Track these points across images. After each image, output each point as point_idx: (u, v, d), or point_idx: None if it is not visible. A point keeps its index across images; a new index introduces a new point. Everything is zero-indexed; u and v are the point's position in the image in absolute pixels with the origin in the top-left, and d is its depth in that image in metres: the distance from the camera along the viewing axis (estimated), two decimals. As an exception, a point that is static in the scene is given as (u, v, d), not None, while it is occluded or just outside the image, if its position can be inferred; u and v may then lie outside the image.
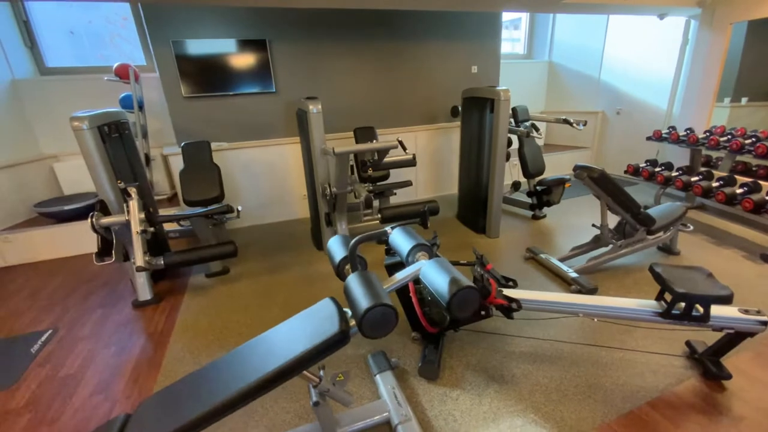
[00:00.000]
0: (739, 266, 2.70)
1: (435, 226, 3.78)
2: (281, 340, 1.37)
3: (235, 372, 1.29)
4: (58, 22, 3.89)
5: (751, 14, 3.23)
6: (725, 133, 3.51)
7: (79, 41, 4.03)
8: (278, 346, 1.34)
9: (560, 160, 5.61)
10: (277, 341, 1.37)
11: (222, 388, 1.22)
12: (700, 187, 3.19)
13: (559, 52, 5.78)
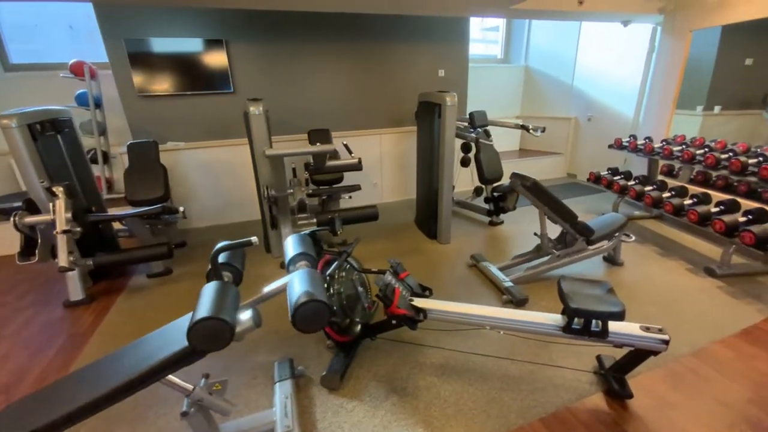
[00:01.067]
0: (680, 279, 2.66)
1: (393, 231, 3.76)
2: (151, 347, 1.35)
3: (96, 379, 1.26)
4: (22, 17, 3.89)
5: (709, 22, 3.19)
6: (682, 142, 3.47)
7: (43, 36, 4.02)
8: (145, 353, 1.31)
9: (535, 166, 5.57)
10: (147, 348, 1.35)
11: (79, 395, 1.20)
12: (651, 197, 3.15)
13: (535, 58, 5.74)
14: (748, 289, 2.47)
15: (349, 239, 3.15)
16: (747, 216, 2.59)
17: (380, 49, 4.16)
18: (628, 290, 2.55)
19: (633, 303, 2.39)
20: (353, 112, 4.29)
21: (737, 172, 2.60)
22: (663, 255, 3.02)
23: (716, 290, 2.48)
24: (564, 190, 4.95)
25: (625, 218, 2.75)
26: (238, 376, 1.89)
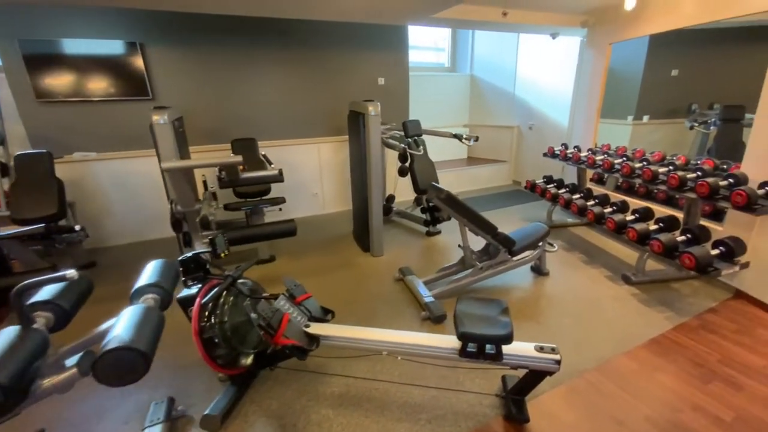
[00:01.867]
0: (599, 287, 2.67)
1: (329, 244, 3.60)
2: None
3: None
4: None
5: (626, 35, 3.30)
6: (606, 151, 3.56)
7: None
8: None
9: (481, 174, 5.61)
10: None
11: None
12: (577, 206, 3.19)
13: (480, 67, 5.82)
14: (660, 297, 2.51)
15: (275, 255, 2.97)
16: (658, 224, 2.65)
17: (318, 56, 4.03)
18: (549, 301, 2.53)
19: (552, 314, 2.37)
20: (290, 120, 4.12)
21: (649, 181, 2.67)
22: (587, 263, 3.05)
23: (630, 298, 2.51)
24: (507, 198, 5.00)
25: (547, 228, 2.75)
26: (108, 421, 1.66)
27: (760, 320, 2.23)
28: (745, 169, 2.35)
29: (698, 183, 2.30)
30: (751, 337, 2.09)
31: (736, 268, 2.12)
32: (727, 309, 2.36)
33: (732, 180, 2.27)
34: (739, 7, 2.42)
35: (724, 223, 2.57)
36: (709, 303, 2.42)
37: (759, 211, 2.00)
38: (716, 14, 2.56)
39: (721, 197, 2.22)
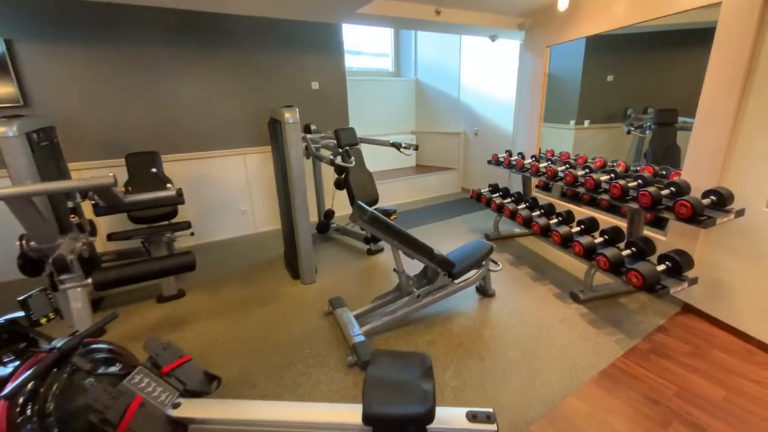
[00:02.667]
0: (548, 307, 2.44)
1: (254, 270, 3.13)
2: None
3: None
4: None
5: (562, 37, 3.17)
6: (551, 157, 3.41)
7: None
8: None
9: (431, 182, 5.38)
10: None
11: None
12: (522, 217, 2.98)
13: (424, 71, 5.61)
14: (609, 316, 2.32)
15: (185, 290, 2.46)
16: (604, 236, 2.48)
17: (242, 56, 3.57)
18: (495, 329, 2.25)
19: (497, 347, 2.08)
20: (211, 130, 3.61)
21: (592, 190, 2.51)
22: (536, 278, 2.84)
23: (579, 320, 2.29)
24: (456, 207, 4.79)
25: (489, 245, 2.48)
26: None
27: (712, 339, 2.09)
28: (686, 176, 2.23)
29: (640, 193, 2.14)
30: (706, 360, 1.92)
31: (685, 284, 1.96)
32: (677, 326, 2.20)
33: (674, 188, 2.13)
34: (669, 6, 2.31)
35: (666, 232, 2.44)
36: (658, 320, 2.26)
37: (706, 224, 1.85)
38: (647, 14, 2.45)
39: (664, 207, 2.06)
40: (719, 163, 2.06)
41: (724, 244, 2.09)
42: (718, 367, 1.87)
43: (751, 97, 1.91)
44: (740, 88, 1.93)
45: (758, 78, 1.87)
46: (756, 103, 1.89)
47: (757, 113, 1.90)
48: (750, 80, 1.90)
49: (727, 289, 2.10)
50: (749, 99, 1.92)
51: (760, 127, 1.89)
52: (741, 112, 1.96)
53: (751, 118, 1.92)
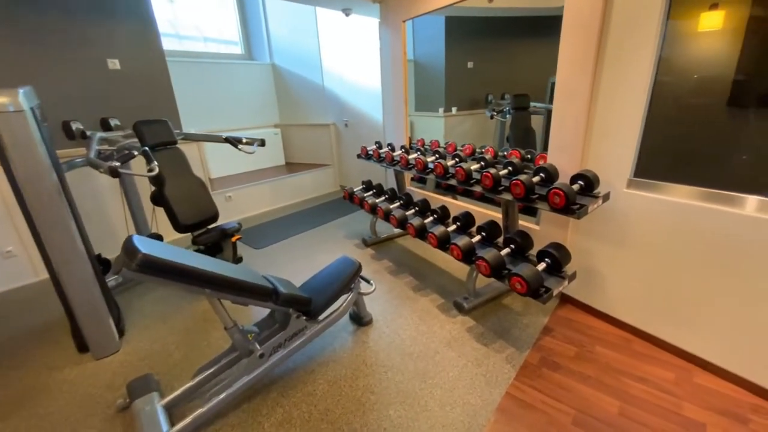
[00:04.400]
0: (433, 326, 2.05)
1: (24, 341, 1.99)
2: None
3: None
4: None
5: (416, 10, 2.81)
6: (419, 148, 3.08)
7: None
8: None
9: (304, 181, 4.66)
10: None
11: None
12: (396, 219, 2.56)
13: (281, 54, 4.82)
14: (495, 325, 2.04)
15: None
16: (481, 233, 2.20)
17: None
18: (370, 379, 1.72)
19: (375, 407, 1.56)
20: None
21: (464, 181, 2.21)
22: (417, 288, 2.45)
23: (467, 338, 1.95)
24: (334, 209, 4.22)
25: (356, 264, 1.95)
26: None
27: (592, 332, 1.96)
28: (551, 160, 2.05)
29: (512, 182, 1.86)
30: (593, 363, 1.74)
31: (566, 282, 1.76)
32: (560, 324, 2.03)
33: (543, 175, 1.91)
34: None
35: (539, 220, 2.29)
36: (542, 319, 2.07)
37: (579, 213, 1.64)
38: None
39: (537, 197, 1.82)
40: (580, 146, 1.91)
41: (591, 230, 1.98)
42: (604, 369, 1.70)
43: (603, 78, 1.76)
44: (592, 68, 1.76)
45: (608, 56, 1.72)
46: (607, 83, 1.75)
47: (608, 92, 1.76)
48: (600, 59, 1.75)
49: (598, 277, 2.00)
50: (601, 79, 1.77)
51: (612, 106, 1.76)
52: (595, 93, 1.81)
53: (604, 97, 1.78)
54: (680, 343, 1.74)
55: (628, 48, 1.66)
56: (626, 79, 1.69)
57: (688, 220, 1.61)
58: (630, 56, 1.66)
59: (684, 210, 1.62)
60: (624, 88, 1.70)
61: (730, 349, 1.58)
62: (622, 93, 1.71)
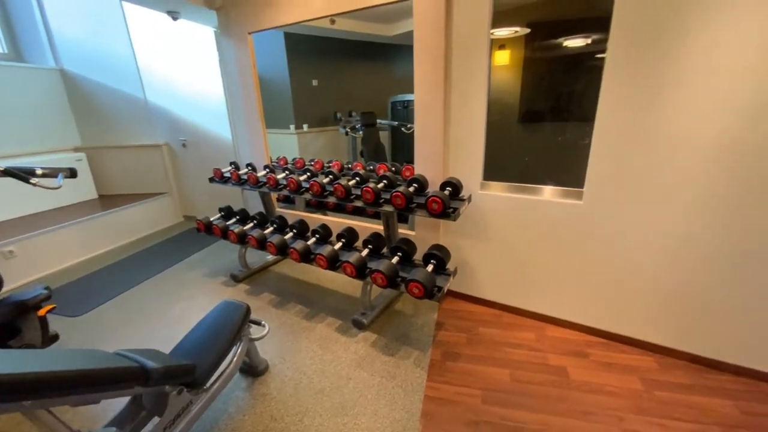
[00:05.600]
0: (337, 352, 1.95)
1: None
2: None
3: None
4: None
5: (264, 23, 2.65)
6: (285, 167, 2.91)
7: None
8: None
9: (130, 218, 3.70)
10: None
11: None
12: (274, 245, 2.33)
13: (74, 58, 3.74)
14: (396, 332, 2.10)
15: None
16: (367, 246, 2.24)
17: None
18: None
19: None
20: None
21: (344, 198, 2.20)
22: (311, 315, 2.29)
23: (375, 354, 1.93)
24: (181, 244, 3.52)
25: (243, 306, 1.67)
26: None
27: (474, 316, 2.25)
28: (419, 171, 2.27)
29: (393, 194, 1.97)
30: (481, 343, 2.00)
31: (451, 278, 1.96)
32: (448, 316, 2.25)
33: (416, 185, 2.10)
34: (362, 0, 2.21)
35: (413, 226, 2.49)
36: (433, 316, 2.25)
37: (454, 216, 1.86)
38: (343, 6, 2.28)
39: (416, 206, 1.98)
40: (441, 156, 2.18)
41: (458, 229, 2.28)
42: (490, 346, 1.98)
43: (452, 97, 2.07)
44: (443, 89, 2.04)
45: (454, 78, 2.03)
46: (456, 102, 2.06)
47: (457, 110, 2.08)
48: (448, 81, 2.05)
49: (468, 268, 2.32)
50: (451, 98, 2.07)
51: (461, 121, 2.08)
52: (447, 110, 2.10)
53: (455, 114, 2.09)
54: (533, 308, 2.19)
55: (468, 73, 1.99)
56: (469, 98, 2.02)
57: (519, 209, 2.04)
58: (470, 80, 1.99)
59: (515, 202, 2.04)
60: (469, 106, 2.04)
61: (564, 303, 2.08)
62: (468, 110, 2.05)
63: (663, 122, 1.59)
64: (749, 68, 1.40)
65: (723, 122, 1.48)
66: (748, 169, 1.49)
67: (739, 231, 1.56)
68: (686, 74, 1.50)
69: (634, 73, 1.59)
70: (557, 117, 2.98)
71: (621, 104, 1.66)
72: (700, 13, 1.43)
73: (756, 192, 1.49)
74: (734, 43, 1.40)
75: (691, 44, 1.47)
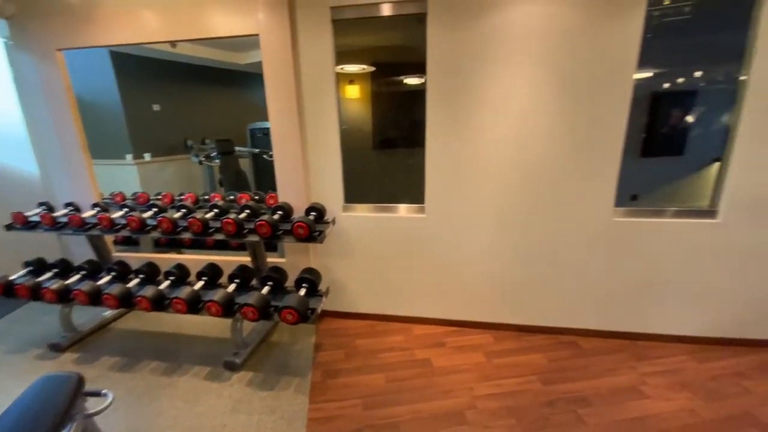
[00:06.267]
0: (208, 398, 1.76)
1: None
2: None
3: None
4: None
5: (79, 40, 2.28)
6: (123, 204, 2.51)
7: None
8: None
9: None
10: None
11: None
12: (115, 299, 1.97)
13: None
14: (273, 364, 2.04)
15: None
16: (234, 280, 2.12)
17: None
18: None
19: None
20: None
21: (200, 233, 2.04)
22: (170, 371, 2.00)
23: (251, 393, 1.83)
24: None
25: (73, 377, 1.36)
26: None
27: (350, 331, 2.36)
28: (283, 199, 2.30)
29: (258, 224, 1.95)
30: (358, 355, 2.11)
31: (324, 299, 2.03)
32: (326, 336, 2.30)
33: (281, 212, 2.12)
34: (206, 30, 2.16)
35: (283, 253, 2.48)
36: (311, 339, 2.27)
37: (320, 239, 1.95)
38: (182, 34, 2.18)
39: (283, 233, 2.00)
40: (303, 183, 2.27)
41: (327, 250, 2.39)
42: (366, 355, 2.12)
43: (307, 126, 2.20)
44: (298, 119, 2.16)
45: (307, 109, 2.17)
46: (311, 131, 2.20)
47: (313, 138, 2.22)
48: (302, 111, 2.18)
49: (341, 285, 2.45)
50: (306, 128, 2.20)
51: (318, 149, 2.23)
52: (304, 138, 2.22)
53: (312, 142, 2.23)
54: (400, 312, 2.45)
55: (319, 104, 2.16)
56: (323, 128, 2.19)
57: (379, 226, 2.30)
58: (322, 111, 2.16)
59: (375, 220, 2.29)
60: (323, 135, 2.20)
61: (424, 303, 2.40)
62: (323, 139, 2.21)
63: (471, 148, 2.07)
64: (520, 109, 1.97)
65: (506, 150, 2.03)
66: (521, 185, 2.07)
67: (528, 227, 2.14)
68: (481, 112, 2.01)
69: (446, 109, 2.03)
70: (407, 143, 3.46)
71: (440, 133, 2.08)
72: (488, 67, 1.94)
73: (531, 200, 2.08)
74: (510, 89, 1.95)
75: (482, 88, 1.97)
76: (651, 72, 3.46)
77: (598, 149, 1.95)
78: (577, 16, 1.80)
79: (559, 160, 2.00)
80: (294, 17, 2.06)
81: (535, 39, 1.86)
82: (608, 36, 1.80)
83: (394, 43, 2.95)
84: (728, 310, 2.06)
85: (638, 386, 1.82)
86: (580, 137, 1.95)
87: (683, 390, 1.79)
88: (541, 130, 1.97)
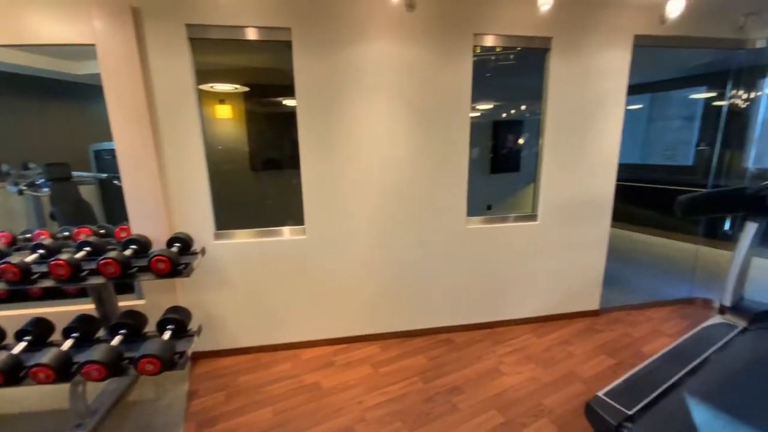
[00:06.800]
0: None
1: None
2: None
3: None
4: None
5: None
6: None
7: None
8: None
9: None
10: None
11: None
12: None
13: None
14: (133, 430, 1.72)
15: None
16: (71, 335, 1.73)
17: None
18: None
19: None
20: None
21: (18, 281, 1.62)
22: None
23: (100, 469, 1.51)
24: None
25: None
26: None
27: (231, 369, 2.15)
28: (138, 230, 2.00)
29: (101, 263, 1.65)
30: (241, 394, 1.94)
31: (195, 337, 1.82)
32: (202, 380, 2.06)
33: (136, 246, 1.84)
34: (34, 36, 1.80)
35: (142, 295, 2.15)
36: (183, 387, 1.99)
37: (186, 272, 1.76)
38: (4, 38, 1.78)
39: (137, 270, 1.74)
40: (163, 211, 2.03)
41: (197, 284, 2.16)
42: (250, 392, 1.97)
43: (165, 150, 1.99)
44: (152, 141, 1.93)
45: (164, 131, 1.97)
46: (171, 155, 2.00)
47: (174, 163, 2.01)
48: (158, 133, 1.96)
49: (218, 321, 2.23)
50: (164, 151, 1.99)
51: (181, 174, 2.04)
52: (162, 163, 2.00)
53: (172, 167, 2.02)
54: (287, 339, 2.36)
55: (179, 123, 1.98)
56: (185, 149, 2.01)
57: (257, 251, 2.21)
58: (183, 132, 1.99)
59: (252, 246, 2.19)
60: (186, 157, 2.02)
61: (311, 325, 2.37)
62: (186, 161, 2.03)
63: (341, 170, 2.17)
64: (381, 133, 2.16)
65: (372, 171, 2.20)
66: (388, 203, 2.26)
67: (397, 240, 2.33)
68: (347, 136, 2.14)
69: (316, 132, 2.11)
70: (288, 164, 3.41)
71: (313, 155, 2.14)
72: (352, 95, 2.08)
73: (398, 217, 2.29)
74: (372, 116, 2.13)
75: (348, 114, 2.11)
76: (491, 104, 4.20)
77: (449, 170, 2.28)
78: (422, 55, 2.10)
79: (418, 180, 2.26)
80: (142, 30, 1.87)
81: (390, 72, 2.09)
82: (451, 73, 2.15)
83: (266, 65, 2.93)
84: (555, 290, 2.62)
85: (498, 367, 2.15)
86: (434, 160, 2.25)
87: (528, 362, 2.19)
88: (400, 153, 2.21)
